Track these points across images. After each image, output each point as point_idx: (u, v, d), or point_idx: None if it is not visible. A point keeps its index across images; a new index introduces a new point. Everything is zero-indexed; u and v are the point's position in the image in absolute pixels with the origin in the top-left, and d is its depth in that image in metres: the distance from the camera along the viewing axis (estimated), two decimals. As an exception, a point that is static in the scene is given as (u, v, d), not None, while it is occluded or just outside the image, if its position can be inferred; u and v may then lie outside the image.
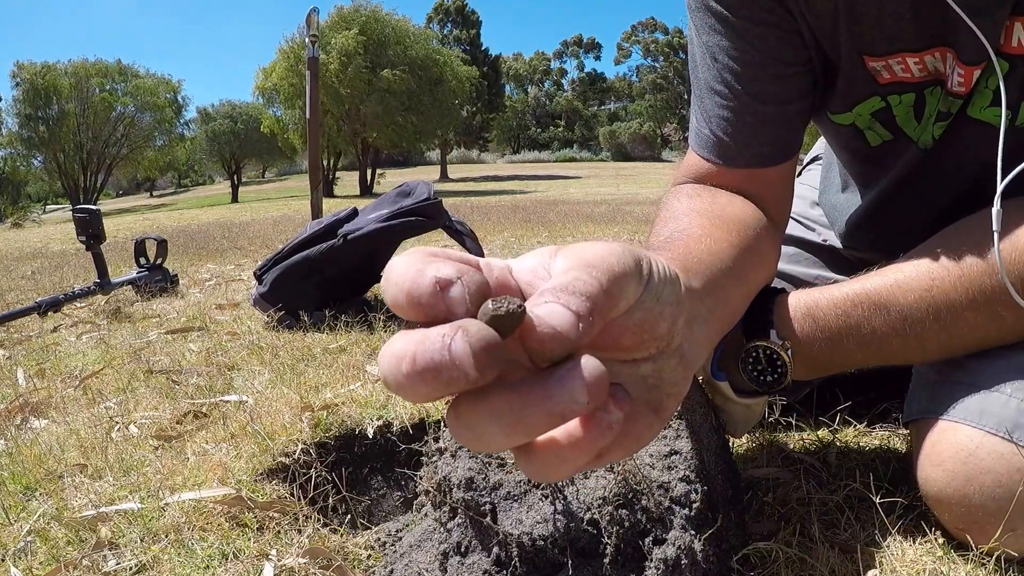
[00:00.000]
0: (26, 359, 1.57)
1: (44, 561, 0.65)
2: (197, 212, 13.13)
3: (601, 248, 0.29)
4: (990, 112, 0.61)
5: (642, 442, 0.34)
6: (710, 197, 0.65)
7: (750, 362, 0.61)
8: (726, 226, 0.58)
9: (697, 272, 0.46)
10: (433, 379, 0.24)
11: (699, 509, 0.50)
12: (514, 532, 0.48)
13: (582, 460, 0.27)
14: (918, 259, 0.58)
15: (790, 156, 0.68)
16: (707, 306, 0.44)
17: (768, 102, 0.65)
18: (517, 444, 0.27)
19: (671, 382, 0.35)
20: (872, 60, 0.62)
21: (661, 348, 0.34)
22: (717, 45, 0.65)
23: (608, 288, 0.27)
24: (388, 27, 22.62)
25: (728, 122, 0.66)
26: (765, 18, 0.63)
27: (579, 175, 25.25)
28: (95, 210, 2.25)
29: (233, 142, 30.54)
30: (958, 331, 0.56)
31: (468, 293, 0.25)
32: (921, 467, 0.57)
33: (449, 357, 0.23)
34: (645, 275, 0.31)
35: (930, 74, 0.61)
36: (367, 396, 1.01)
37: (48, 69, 27.08)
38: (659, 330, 0.33)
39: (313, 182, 3.75)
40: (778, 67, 0.64)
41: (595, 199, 8.87)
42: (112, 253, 3.76)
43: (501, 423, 0.25)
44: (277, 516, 0.70)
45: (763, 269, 0.62)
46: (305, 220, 5.38)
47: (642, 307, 0.31)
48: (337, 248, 1.71)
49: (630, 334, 0.32)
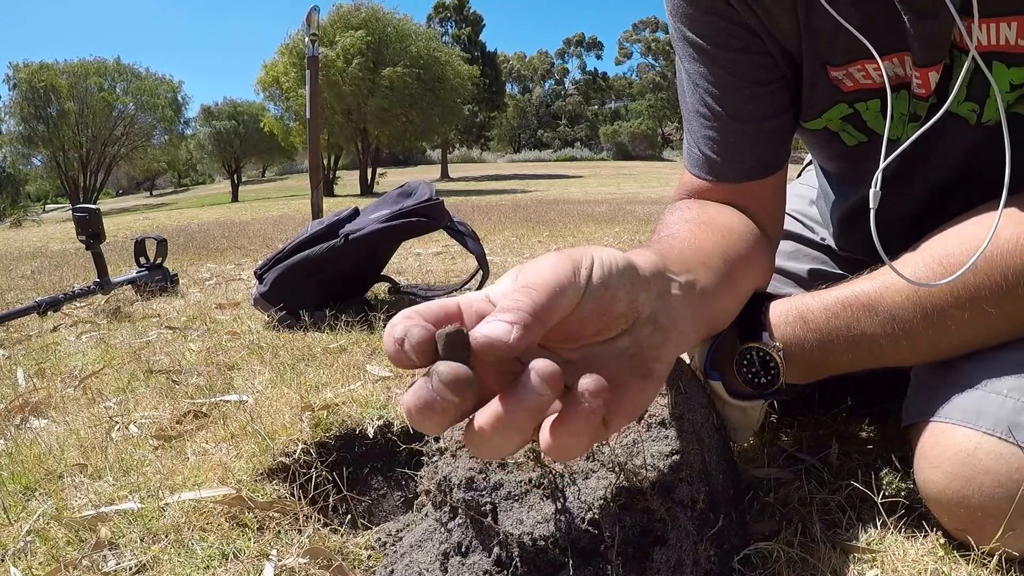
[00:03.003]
0: (26, 359, 1.57)
1: (44, 561, 0.65)
2: (197, 211, 13.13)
3: (543, 266, 0.38)
4: (965, 107, 0.61)
5: (639, 404, 0.41)
6: (699, 208, 0.70)
7: (744, 364, 0.62)
8: (711, 229, 0.64)
9: (676, 260, 0.51)
10: (432, 414, 0.33)
11: (700, 509, 0.50)
12: (515, 532, 0.48)
13: (585, 437, 0.35)
14: (904, 261, 0.59)
15: (775, 169, 0.72)
16: (685, 286, 0.50)
17: (746, 121, 0.70)
18: (520, 442, 0.36)
19: (651, 347, 0.42)
20: (834, 70, 0.66)
21: (631, 322, 0.41)
22: (696, 72, 0.71)
23: (543, 300, 0.36)
24: (390, 26, 22.62)
25: (714, 141, 0.71)
26: (734, 44, 0.68)
27: (580, 174, 25.26)
28: (95, 209, 2.25)
29: (234, 141, 30.54)
30: (947, 330, 0.57)
31: (411, 344, 0.34)
32: (920, 469, 0.58)
33: (435, 395, 0.33)
34: (583, 278, 0.38)
35: (890, 79, 0.63)
36: (367, 396, 1.01)
37: (45, 69, 27.05)
38: (617, 310, 0.40)
39: (313, 181, 3.75)
40: (752, 88, 0.69)
41: (596, 198, 8.87)
42: (112, 252, 3.76)
43: (498, 431, 0.34)
44: (277, 516, 0.70)
45: (752, 268, 0.66)
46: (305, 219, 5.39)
47: (592, 298, 0.38)
48: (338, 248, 1.71)
49: (591, 322, 0.39)
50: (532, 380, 0.34)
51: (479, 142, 44.28)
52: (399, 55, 21.80)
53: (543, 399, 0.34)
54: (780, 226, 0.78)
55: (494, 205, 8.01)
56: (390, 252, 2.03)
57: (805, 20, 0.64)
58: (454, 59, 24.20)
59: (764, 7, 0.65)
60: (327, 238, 1.74)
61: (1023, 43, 0.55)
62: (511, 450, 0.36)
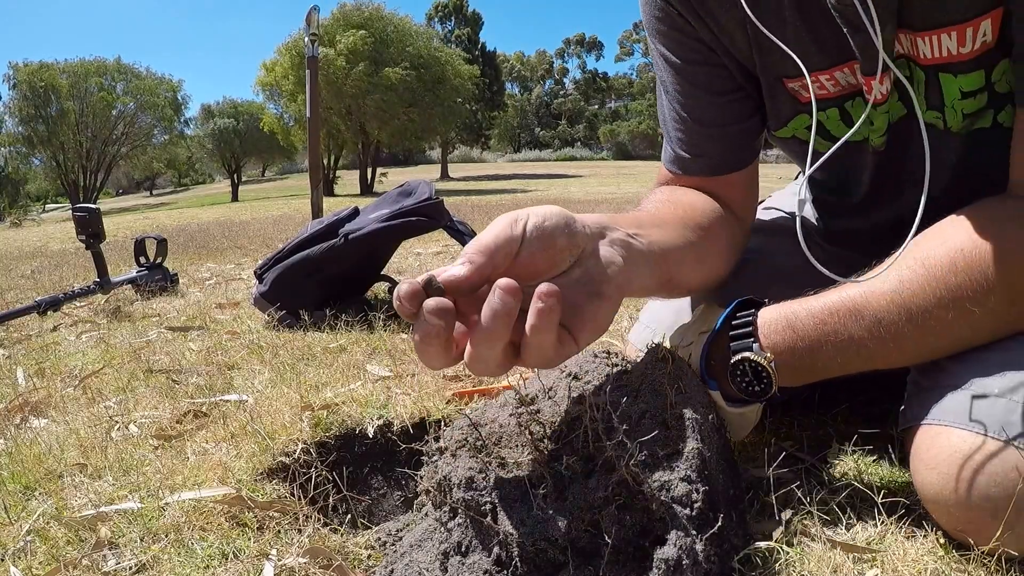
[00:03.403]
0: (26, 358, 1.57)
1: (44, 561, 0.65)
2: (197, 211, 13.13)
3: (490, 226, 0.49)
4: (931, 114, 0.64)
5: (599, 320, 0.50)
6: (669, 191, 0.79)
7: (738, 375, 0.63)
8: (674, 205, 0.74)
9: (627, 222, 0.60)
10: (430, 339, 0.45)
11: (700, 509, 0.50)
12: (515, 532, 0.48)
13: (550, 334, 0.46)
14: (888, 264, 0.61)
15: (741, 167, 0.79)
16: (632, 236, 0.57)
17: (710, 126, 0.77)
18: (502, 347, 0.46)
19: (599, 274, 0.51)
20: (790, 82, 0.70)
21: (576, 257, 0.51)
22: (667, 79, 0.78)
23: (487, 245, 0.47)
24: (391, 25, 22.60)
25: (683, 141, 0.79)
26: (694, 57, 0.74)
27: (580, 174, 25.24)
28: (95, 209, 2.25)
29: (234, 140, 30.53)
30: (932, 331, 0.58)
31: (403, 296, 0.46)
32: (917, 472, 0.58)
33: (425, 322, 0.45)
34: (519, 228, 0.49)
35: (845, 88, 0.68)
36: (367, 395, 1.01)
37: (45, 68, 27.03)
38: (558, 246, 0.50)
39: (313, 181, 3.75)
40: (713, 97, 0.75)
41: (596, 198, 8.86)
42: (112, 252, 3.76)
43: (482, 340, 0.45)
44: (277, 516, 0.70)
45: (714, 241, 0.72)
46: (305, 219, 5.38)
47: (532, 240, 0.49)
48: (338, 247, 1.71)
49: (540, 259, 0.50)
50: (494, 291, 0.44)
51: (479, 142, 44.26)
52: (399, 55, 21.78)
53: (506, 303, 0.44)
54: (751, 214, 0.84)
55: (494, 205, 8.01)
56: (390, 252, 2.03)
57: (754, 38, 0.69)
58: (454, 59, 24.18)
59: (720, 25, 0.71)
60: (327, 238, 1.74)
61: (964, 52, 0.57)
62: (498, 356, 0.46)
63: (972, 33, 0.57)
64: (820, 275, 0.58)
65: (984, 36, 0.57)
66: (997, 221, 0.58)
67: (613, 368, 0.60)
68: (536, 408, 0.54)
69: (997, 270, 0.56)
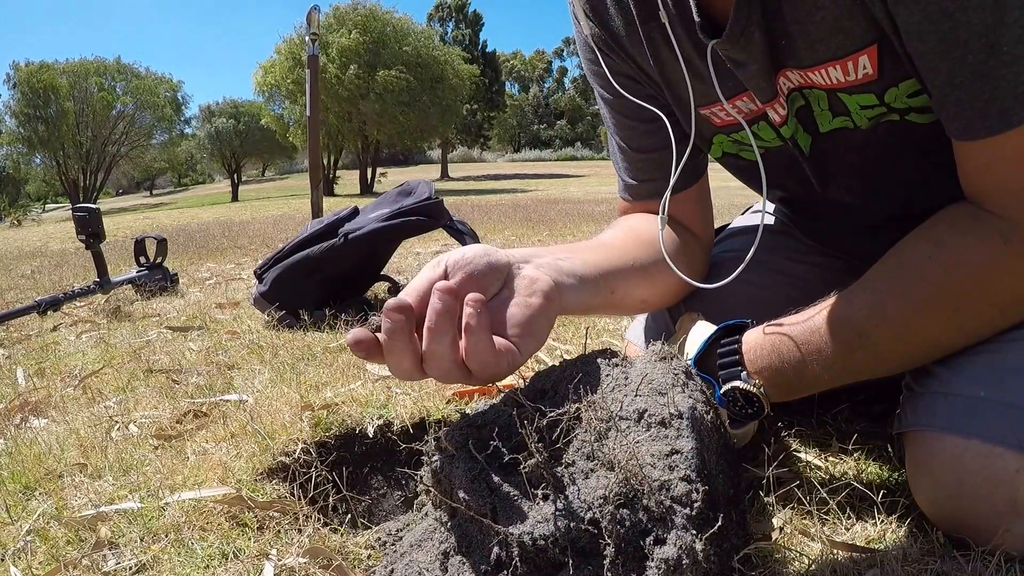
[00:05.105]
0: (26, 358, 1.57)
1: (44, 560, 0.65)
2: (197, 211, 13.13)
3: (421, 271, 0.56)
4: (840, 120, 0.67)
5: (532, 330, 0.55)
6: (623, 220, 0.85)
7: (730, 402, 0.65)
8: (623, 230, 0.80)
9: (558, 249, 0.65)
10: (393, 335, 0.50)
11: (700, 509, 0.50)
12: (514, 532, 0.48)
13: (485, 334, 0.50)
14: (863, 279, 0.63)
15: (685, 188, 0.82)
16: (560, 259, 0.63)
17: (646, 152, 0.82)
18: (449, 342, 0.50)
19: (524, 288, 0.57)
20: (703, 109, 0.75)
21: (501, 280, 0.56)
22: (605, 114, 0.84)
23: (418, 288, 0.53)
24: (388, 26, 22.58)
25: (628, 169, 0.85)
26: (622, 91, 0.78)
27: (580, 173, 25.25)
28: (95, 209, 2.25)
29: (234, 140, 30.53)
30: (911, 338, 0.60)
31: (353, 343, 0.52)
32: (912, 477, 0.60)
33: (387, 321, 0.50)
34: (441, 268, 0.55)
35: (749, 113, 0.72)
36: (367, 395, 1.01)
37: (45, 69, 27.03)
38: (480, 272, 0.55)
39: (313, 181, 3.75)
40: (645, 125, 0.80)
41: (596, 197, 8.86)
42: (112, 252, 3.77)
43: (432, 338, 0.50)
44: (277, 516, 0.70)
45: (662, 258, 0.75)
46: (305, 219, 5.39)
47: (457, 272, 0.54)
48: (338, 247, 1.71)
49: (469, 287, 0.53)
50: (433, 293, 0.50)
51: (479, 142, 44.26)
52: (396, 56, 21.75)
53: (444, 300, 0.49)
54: (708, 229, 0.88)
55: (494, 204, 8.01)
56: (390, 251, 2.03)
57: (659, 72, 0.75)
58: (453, 58, 24.15)
59: (635, 62, 0.76)
60: (327, 237, 1.74)
61: (851, 79, 0.62)
62: (448, 351, 0.50)
63: (853, 66, 0.61)
64: (796, 265, 0.58)
65: (864, 69, 0.61)
66: (959, 229, 0.58)
67: (613, 367, 0.60)
68: (536, 407, 0.54)
69: (972, 274, 0.57)
